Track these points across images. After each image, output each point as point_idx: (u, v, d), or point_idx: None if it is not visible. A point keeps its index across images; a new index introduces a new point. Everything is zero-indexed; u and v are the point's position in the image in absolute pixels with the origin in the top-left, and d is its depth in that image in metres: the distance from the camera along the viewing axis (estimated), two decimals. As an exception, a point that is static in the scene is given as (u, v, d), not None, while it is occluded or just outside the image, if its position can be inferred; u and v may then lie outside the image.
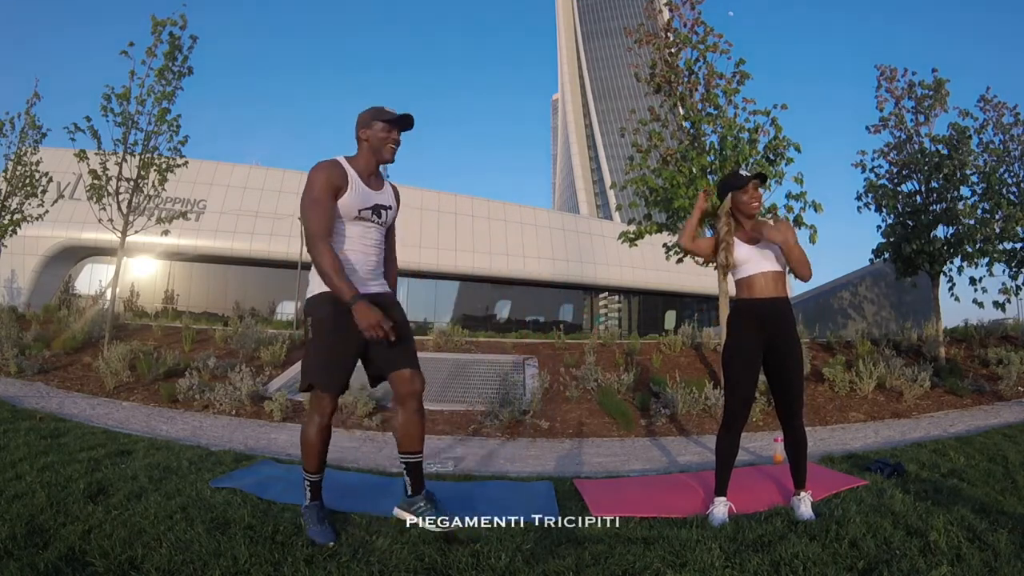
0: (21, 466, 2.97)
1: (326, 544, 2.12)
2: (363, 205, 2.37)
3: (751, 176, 2.74)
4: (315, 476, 2.36)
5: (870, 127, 8.25)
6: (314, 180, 2.29)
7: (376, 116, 2.40)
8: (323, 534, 2.19)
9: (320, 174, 2.29)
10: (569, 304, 28.51)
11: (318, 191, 2.27)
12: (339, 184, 2.31)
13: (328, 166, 2.33)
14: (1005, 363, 6.86)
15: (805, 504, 2.56)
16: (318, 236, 2.23)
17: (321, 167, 2.32)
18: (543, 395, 6.31)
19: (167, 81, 7.87)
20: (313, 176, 2.30)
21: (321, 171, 2.30)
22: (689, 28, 6.93)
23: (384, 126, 2.39)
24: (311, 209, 2.26)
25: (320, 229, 2.24)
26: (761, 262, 2.66)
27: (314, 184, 2.28)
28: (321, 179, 2.28)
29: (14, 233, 9.80)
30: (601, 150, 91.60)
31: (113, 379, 6.56)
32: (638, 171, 6.99)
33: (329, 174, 2.30)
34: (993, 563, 1.97)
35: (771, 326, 2.59)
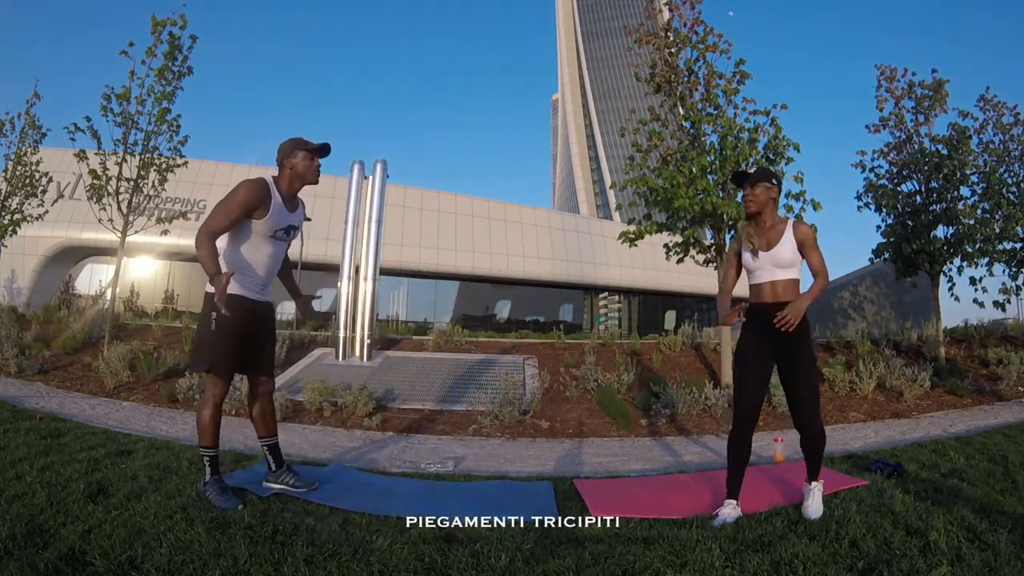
0: (21, 466, 2.97)
1: (234, 509, 2.44)
2: (279, 226, 2.73)
3: (742, 175, 2.83)
4: (212, 451, 2.66)
5: (870, 127, 8.26)
6: (238, 194, 2.59)
7: (298, 146, 2.74)
8: (229, 501, 2.51)
9: (245, 193, 2.60)
10: (569, 304, 28.50)
11: (235, 205, 2.59)
12: (258, 205, 2.64)
13: (256, 188, 2.63)
14: (1005, 363, 6.86)
15: (814, 497, 2.60)
16: (211, 233, 2.55)
17: (250, 187, 2.62)
18: (543, 395, 6.31)
19: (167, 81, 7.86)
20: (240, 190, 2.60)
21: (248, 190, 2.60)
22: (689, 28, 6.93)
23: (307, 155, 2.74)
24: (222, 215, 2.58)
25: (216, 230, 2.57)
26: (774, 270, 2.70)
27: (236, 198, 2.59)
28: (244, 197, 2.59)
29: (14, 233, 9.79)
30: (601, 150, 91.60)
31: (113, 379, 6.55)
32: (638, 171, 6.99)
33: (252, 195, 2.61)
34: (993, 563, 1.97)
35: (779, 332, 2.59)
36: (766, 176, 2.79)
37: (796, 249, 2.68)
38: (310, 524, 2.31)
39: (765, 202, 2.76)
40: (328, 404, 5.84)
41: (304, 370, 7.40)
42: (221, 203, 2.60)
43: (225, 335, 2.60)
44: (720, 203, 6.25)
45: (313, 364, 7.78)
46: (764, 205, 2.76)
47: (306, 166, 2.74)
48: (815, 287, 2.70)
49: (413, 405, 6.19)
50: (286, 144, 2.76)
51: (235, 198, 2.58)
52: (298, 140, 2.77)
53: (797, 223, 2.76)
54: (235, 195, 2.59)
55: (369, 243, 8.72)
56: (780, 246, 2.69)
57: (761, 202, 2.76)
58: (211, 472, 2.64)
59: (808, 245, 2.67)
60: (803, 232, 2.69)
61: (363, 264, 8.68)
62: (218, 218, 2.57)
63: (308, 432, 5.10)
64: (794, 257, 2.68)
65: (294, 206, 2.82)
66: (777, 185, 2.81)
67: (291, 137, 2.78)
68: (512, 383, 6.24)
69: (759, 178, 2.76)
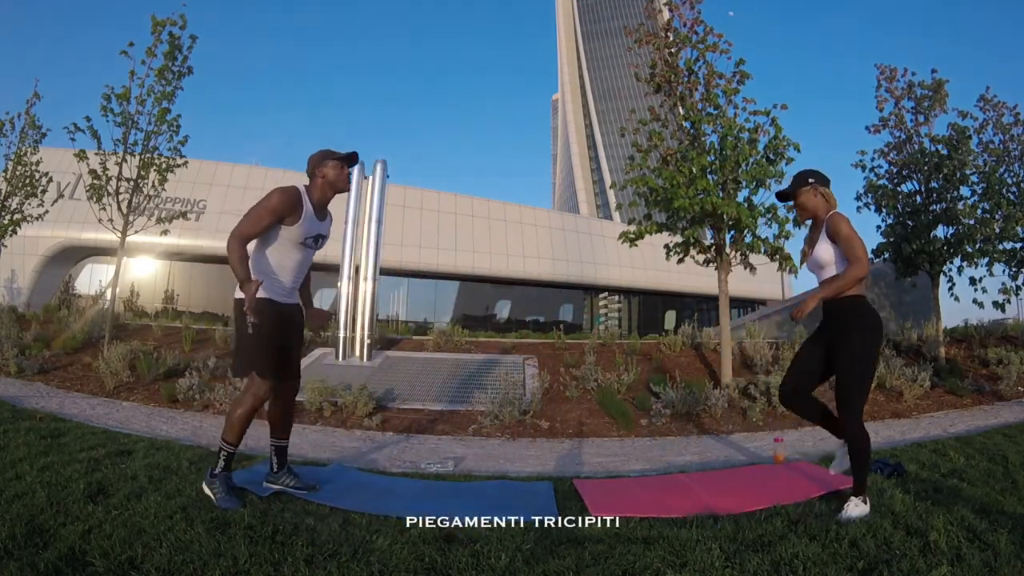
0: (21, 466, 2.97)
1: (235, 509, 2.44)
2: (309, 234, 2.77)
3: (783, 192, 2.91)
4: (233, 448, 2.68)
5: (870, 127, 8.25)
6: (271, 200, 2.64)
7: (328, 156, 2.82)
8: (231, 501, 2.53)
9: (278, 200, 2.64)
10: (569, 304, 28.49)
11: (267, 212, 2.63)
12: (289, 213, 2.67)
13: (288, 196, 2.67)
14: (1005, 363, 6.86)
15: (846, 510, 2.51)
16: (242, 238, 2.60)
17: (282, 194, 2.66)
18: (543, 395, 6.30)
19: (167, 81, 7.87)
20: (273, 196, 2.65)
21: (280, 197, 2.65)
22: (689, 28, 6.93)
23: (336, 163, 2.81)
24: (254, 220, 2.62)
25: (247, 235, 2.61)
26: (819, 270, 2.77)
27: (268, 204, 2.63)
28: (276, 204, 2.63)
29: (14, 233, 9.79)
30: (601, 150, 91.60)
31: (113, 379, 6.56)
32: (638, 171, 6.98)
33: (285, 202, 2.65)
34: (993, 563, 1.97)
35: (830, 327, 2.70)
36: (802, 181, 2.78)
37: (832, 245, 2.67)
38: (310, 524, 2.31)
39: (814, 205, 2.77)
40: (328, 404, 5.84)
41: (304, 370, 7.39)
42: (253, 208, 2.65)
43: (263, 337, 2.63)
44: (720, 203, 6.25)
45: (313, 364, 7.78)
46: (814, 209, 2.77)
47: (336, 174, 2.81)
48: (839, 278, 2.61)
49: (413, 405, 6.19)
50: (315, 155, 2.84)
51: (267, 204, 2.63)
52: (327, 151, 2.85)
53: (830, 216, 2.70)
54: (268, 201, 2.64)
55: (369, 243, 8.72)
56: (817, 247, 2.73)
57: (809, 208, 2.78)
58: (223, 467, 2.65)
59: (838, 236, 2.63)
60: (831, 225, 2.67)
61: (363, 264, 8.68)
62: (250, 223, 2.62)
63: (308, 432, 5.09)
64: (831, 255, 2.68)
65: (324, 215, 2.87)
66: (817, 182, 2.76)
67: (317, 153, 2.85)
68: (512, 383, 6.24)
69: (799, 184, 2.77)
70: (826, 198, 2.76)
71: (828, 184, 2.79)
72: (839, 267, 2.67)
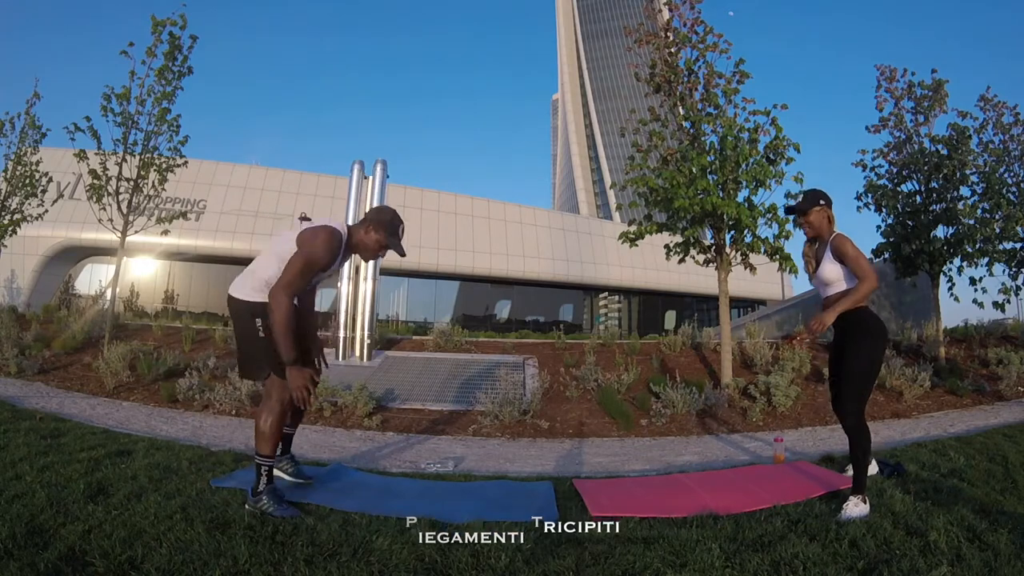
0: (21, 466, 2.97)
1: (297, 517, 2.39)
2: (326, 274, 2.73)
3: (792, 208, 3.09)
4: (271, 460, 2.59)
5: (870, 127, 8.25)
6: (318, 251, 2.52)
7: (389, 232, 2.69)
8: (288, 510, 2.46)
9: (325, 250, 2.54)
10: (569, 304, 28.50)
11: (317, 263, 2.53)
12: (331, 261, 2.62)
13: (335, 245, 2.58)
14: (1005, 363, 6.86)
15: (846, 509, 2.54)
16: (290, 290, 2.47)
17: (329, 245, 2.55)
18: (543, 395, 6.30)
19: (167, 81, 7.87)
20: (319, 249, 2.53)
21: (327, 249, 2.54)
22: (689, 28, 6.93)
23: (383, 243, 2.70)
24: (303, 271, 2.50)
25: (298, 289, 2.53)
26: (825, 287, 2.98)
27: (316, 255, 2.52)
28: (323, 255, 2.54)
29: (14, 233, 9.78)
30: (601, 150, 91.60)
31: (113, 379, 6.55)
32: (638, 171, 6.98)
33: (332, 251, 2.57)
34: (993, 563, 1.97)
35: (843, 334, 2.93)
36: (814, 200, 2.96)
37: (837, 265, 2.87)
38: (310, 524, 2.31)
39: (820, 225, 2.97)
40: (328, 404, 5.84)
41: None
42: (300, 258, 2.50)
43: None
44: (720, 203, 6.25)
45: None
46: (820, 228, 2.98)
47: (374, 249, 2.72)
48: (850, 294, 2.80)
49: (413, 405, 6.19)
50: (385, 216, 2.72)
51: (315, 254, 2.51)
52: (394, 227, 2.72)
53: (834, 238, 2.91)
54: (314, 250, 2.51)
55: (369, 243, 8.70)
56: (823, 265, 2.94)
57: (816, 226, 2.98)
58: (267, 481, 2.53)
59: (844, 256, 2.84)
60: (835, 247, 2.88)
61: (363, 264, 8.67)
62: (299, 275, 2.50)
63: (308, 432, 5.09)
64: (837, 274, 2.88)
65: (347, 256, 2.85)
66: (826, 204, 2.97)
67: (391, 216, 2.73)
68: (512, 383, 6.24)
69: (811, 204, 2.95)
70: (831, 220, 2.98)
71: (832, 206, 3.01)
72: (846, 283, 2.88)
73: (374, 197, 8.89)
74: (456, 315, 24.51)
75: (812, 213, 2.96)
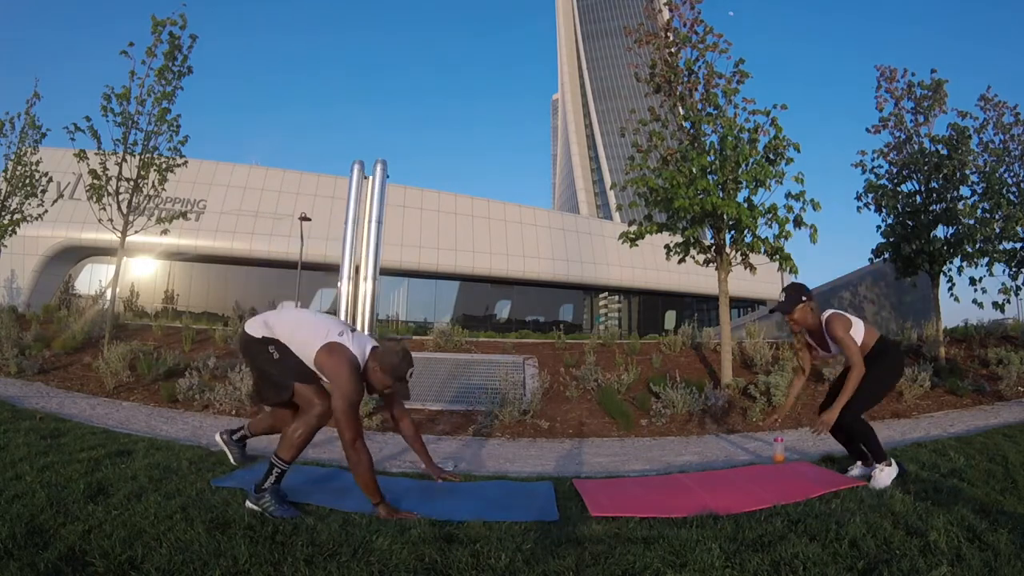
0: (21, 466, 2.97)
1: (297, 517, 2.41)
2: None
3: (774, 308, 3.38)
4: (288, 466, 2.63)
5: (870, 127, 8.25)
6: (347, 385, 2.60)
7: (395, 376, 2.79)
8: (290, 510, 2.49)
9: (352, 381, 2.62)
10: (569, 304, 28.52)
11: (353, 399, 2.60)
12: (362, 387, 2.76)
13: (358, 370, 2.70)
14: (1005, 363, 6.86)
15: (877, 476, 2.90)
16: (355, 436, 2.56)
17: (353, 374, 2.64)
18: (543, 395, 6.30)
19: (167, 81, 7.87)
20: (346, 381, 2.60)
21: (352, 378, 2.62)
22: (688, 27, 6.93)
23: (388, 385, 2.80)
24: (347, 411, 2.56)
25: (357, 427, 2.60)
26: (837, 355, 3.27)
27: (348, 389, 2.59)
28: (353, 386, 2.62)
29: (14, 233, 9.79)
30: (601, 150, 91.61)
31: (113, 379, 6.55)
32: (638, 171, 6.99)
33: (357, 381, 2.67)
34: (993, 563, 1.97)
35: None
36: (797, 299, 3.12)
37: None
38: (310, 524, 2.30)
39: (804, 319, 3.16)
40: (328, 404, 5.83)
41: (304, 370, 7.40)
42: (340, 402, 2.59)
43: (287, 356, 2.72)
44: (720, 203, 6.25)
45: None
46: (806, 322, 3.16)
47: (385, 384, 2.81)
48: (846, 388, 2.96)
49: (413, 405, 6.19)
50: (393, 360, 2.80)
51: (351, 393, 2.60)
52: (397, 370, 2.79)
53: (827, 323, 3.09)
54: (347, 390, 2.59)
55: (369, 243, 8.71)
56: (830, 345, 3.18)
57: (802, 322, 3.17)
58: (274, 482, 2.57)
59: (834, 338, 3.02)
60: (830, 331, 3.07)
61: (363, 264, 8.67)
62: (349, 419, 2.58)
63: (308, 432, 5.09)
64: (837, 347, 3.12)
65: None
66: (808, 299, 3.13)
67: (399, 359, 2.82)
68: (512, 383, 6.24)
69: (794, 304, 3.12)
70: (813, 310, 3.17)
71: (813, 296, 3.20)
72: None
73: (374, 197, 8.89)
74: (456, 315, 24.53)
75: (796, 311, 3.13)
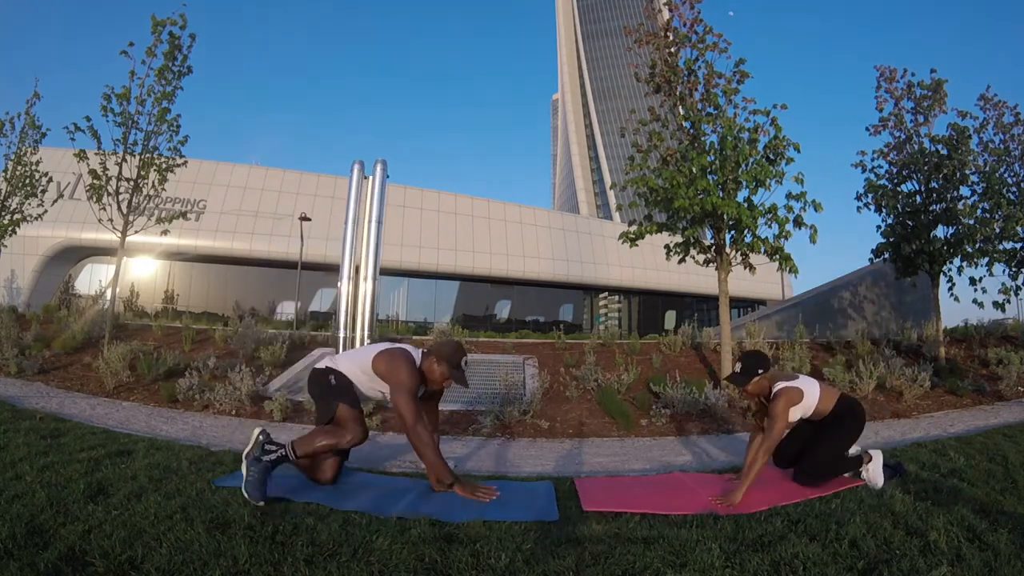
0: (21, 466, 2.97)
1: (257, 502, 2.52)
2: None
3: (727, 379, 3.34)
4: (293, 460, 2.82)
5: (870, 128, 8.25)
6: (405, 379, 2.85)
7: (452, 363, 2.96)
8: (258, 491, 2.56)
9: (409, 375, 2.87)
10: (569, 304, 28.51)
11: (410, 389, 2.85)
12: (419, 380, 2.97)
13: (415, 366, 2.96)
14: (1005, 363, 6.86)
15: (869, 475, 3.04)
16: (415, 421, 2.77)
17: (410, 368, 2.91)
18: (543, 395, 6.30)
19: (167, 81, 7.87)
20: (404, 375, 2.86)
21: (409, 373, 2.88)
22: (688, 27, 6.93)
23: (447, 375, 2.97)
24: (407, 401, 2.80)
25: (417, 415, 2.80)
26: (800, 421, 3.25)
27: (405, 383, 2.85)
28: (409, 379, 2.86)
29: (14, 233, 9.79)
30: (601, 150, 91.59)
31: (113, 379, 6.55)
32: (638, 171, 6.98)
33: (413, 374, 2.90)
34: (993, 563, 1.97)
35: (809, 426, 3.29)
36: (752, 373, 3.13)
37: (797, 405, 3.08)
38: (310, 524, 2.30)
39: (760, 391, 3.18)
40: (328, 404, 5.83)
41: (304, 370, 7.39)
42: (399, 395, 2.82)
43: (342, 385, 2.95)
44: (720, 203, 6.25)
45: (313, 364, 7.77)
46: (762, 393, 3.19)
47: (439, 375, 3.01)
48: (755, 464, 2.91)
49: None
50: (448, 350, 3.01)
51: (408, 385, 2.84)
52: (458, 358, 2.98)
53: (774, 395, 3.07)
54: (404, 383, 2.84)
55: (369, 243, 8.70)
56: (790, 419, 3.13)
57: (756, 394, 3.21)
58: (271, 462, 2.72)
59: (771, 414, 3.01)
60: (771, 405, 3.06)
61: (363, 264, 8.67)
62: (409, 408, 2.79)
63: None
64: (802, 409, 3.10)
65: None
66: (764, 371, 3.14)
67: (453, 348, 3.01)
68: (512, 383, 6.24)
69: (749, 378, 3.13)
70: (770, 380, 3.16)
71: (770, 367, 3.22)
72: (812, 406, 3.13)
73: (374, 197, 8.89)
74: (456, 315, 24.51)
75: (752, 384, 3.14)
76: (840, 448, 3.14)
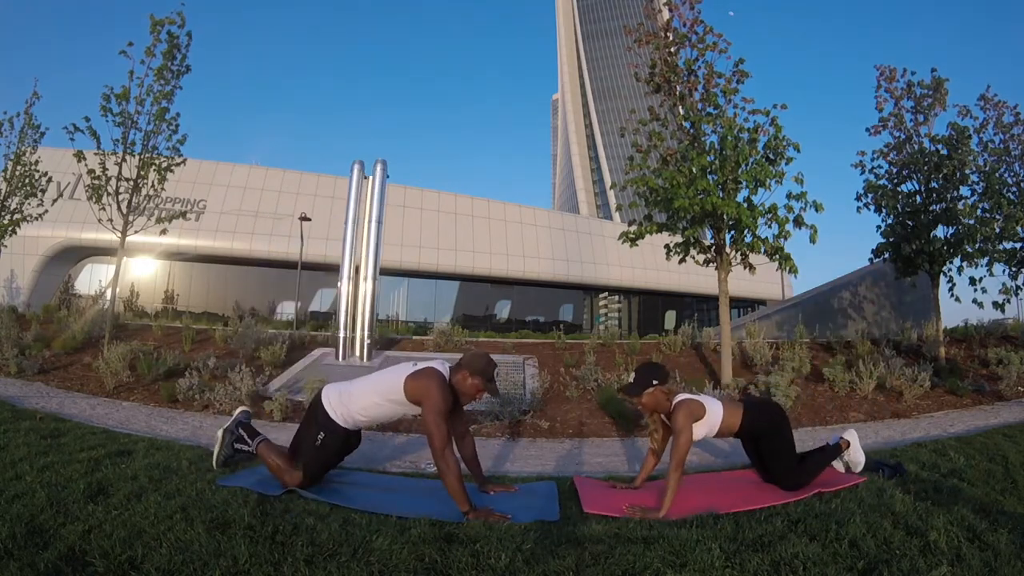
0: (21, 466, 2.97)
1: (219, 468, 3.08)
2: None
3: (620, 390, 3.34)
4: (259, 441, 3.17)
5: (870, 128, 8.25)
6: (437, 399, 2.77)
7: (486, 376, 2.91)
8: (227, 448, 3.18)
9: (440, 395, 2.78)
10: (569, 304, 28.50)
11: (440, 411, 2.76)
12: (450, 400, 2.87)
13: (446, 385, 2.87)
14: (1005, 363, 6.86)
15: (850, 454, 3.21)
16: (443, 445, 2.69)
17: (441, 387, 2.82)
18: (543, 395, 6.30)
19: (166, 80, 7.87)
20: (436, 395, 2.78)
21: (441, 392, 2.80)
22: (688, 27, 6.93)
23: (480, 388, 2.92)
24: (437, 422, 2.72)
25: (445, 437, 2.71)
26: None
27: (438, 403, 2.77)
28: (441, 400, 2.77)
29: (14, 233, 9.79)
30: (601, 150, 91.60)
31: (113, 379, 6.55)
32: (638, 171, 6.98)
33: (444, 395, 2.81)
34: (993, 563, 1.97)
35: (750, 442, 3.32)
36: (646, 383, 3.00)
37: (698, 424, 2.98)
38: (310, 524, 2.30)
39: (656, 404, 3.04)
40: (328, 404, 5.83)
41: (304, 370, 7.40)
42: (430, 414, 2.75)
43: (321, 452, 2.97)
44: (720, 203, 6.25)
45: (313, 364, 7.78)
46: (658, 406, 3.05)
47: (472, 392, 2.95)
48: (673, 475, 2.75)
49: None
50: (479, 362, 2.94)
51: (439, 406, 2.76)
52: (487, 370, 2.93)
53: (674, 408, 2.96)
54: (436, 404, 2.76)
55: (369, 243, 8.71)
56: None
57: (652, 406, 3.06)
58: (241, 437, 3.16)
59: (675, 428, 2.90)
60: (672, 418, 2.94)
61: (363, 264, 8.67)
62: (438, 430, 2.71)
63: (308, 432, 5.08)
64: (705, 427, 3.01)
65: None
66: (660, 383, 3.02)
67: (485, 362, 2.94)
68: (512, 383, 6.24)
69: (642, 388, 3.00)
70: (667, 394, 3.03)
71: (667, 378, 3.11)
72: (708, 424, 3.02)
73: (374, 197, 8.89)
74: (456, 315, 24.51)
75: (645, 396, 3.01)
76: (788, 455, 3.05)
